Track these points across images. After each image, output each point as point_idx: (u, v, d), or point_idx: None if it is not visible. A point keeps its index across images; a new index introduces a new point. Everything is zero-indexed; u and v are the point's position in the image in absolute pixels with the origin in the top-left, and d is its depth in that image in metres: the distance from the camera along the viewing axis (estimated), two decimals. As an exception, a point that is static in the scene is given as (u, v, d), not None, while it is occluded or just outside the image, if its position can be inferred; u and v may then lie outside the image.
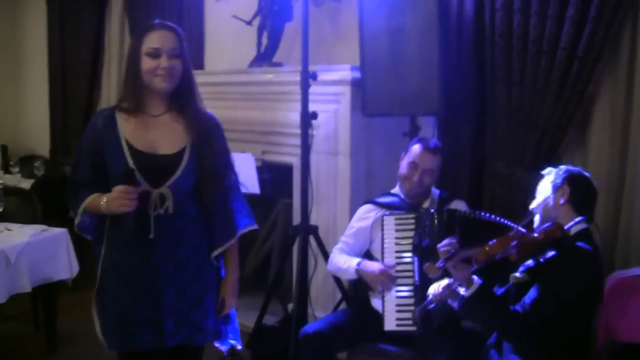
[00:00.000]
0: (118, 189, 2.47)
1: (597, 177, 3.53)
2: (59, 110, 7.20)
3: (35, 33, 7.50)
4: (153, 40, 2.55)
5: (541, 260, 2.67)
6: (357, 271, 3.43)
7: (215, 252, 2.73)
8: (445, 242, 2.81)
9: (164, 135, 2.61)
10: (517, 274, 2.72)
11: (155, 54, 2.53)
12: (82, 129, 6.95)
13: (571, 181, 2.81)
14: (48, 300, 4.38)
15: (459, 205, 3.56)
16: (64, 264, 4.22)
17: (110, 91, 6.64)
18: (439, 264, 2.65)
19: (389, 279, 3.30)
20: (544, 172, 2.94)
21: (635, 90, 3.45)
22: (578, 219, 2.75)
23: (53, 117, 7.32)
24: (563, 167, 2.89)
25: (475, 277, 2.66)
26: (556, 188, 2.80)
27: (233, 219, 2.75)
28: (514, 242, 2.60)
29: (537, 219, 2.87)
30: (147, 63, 2.54)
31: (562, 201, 2.78)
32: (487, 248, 2.59)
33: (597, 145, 3.62)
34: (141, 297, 2.57)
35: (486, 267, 2.66)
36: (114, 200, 2.48)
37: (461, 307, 2.70)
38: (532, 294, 2.61)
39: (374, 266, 3.38)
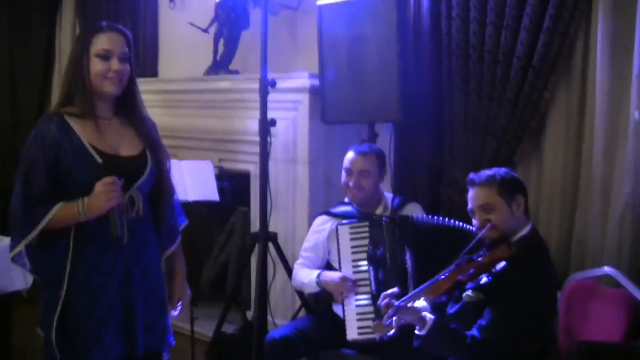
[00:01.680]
0: (104, 181, 2.38)
1: (552, 184, 3.64)
2: (8, 121, 6.98)
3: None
4: (104, 41, 2.47)
5: (493, 270, 2.67)
6: (318, 283, 3.44)
7: (167, 253, 2.76)
8: (383, 296, 2.78)
9: (120, 139, 2.56)
10: (470, 293, 2.69)
11: (106, 56, 2.46)
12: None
13: (521, 189, 2.83)
14: (2, 312, 4.24)
15: (414, 208, 3.59)
16: (18, 274, 4.08)
17: (62, 100, 6.50)
18: (386, 321, 2.61)
19: (349, 286, 3.31)
20: (474, 177, 2.87)
21: (588, 99, 3.54)
22: (529, 224, 2.80)
23: (1, 126, 7.12)
24: (498, 175, 2.82)
25: (427, 315, 2.63)
26: (510, 200, 2.77)
27: (175, 219, 2.79)
28: (459, 276, 2.62)
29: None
30: (96, 65, 2.46)
31: (519, 212, 2.79)
32: (434, 288, 2.60)
33: (552, 153, 3.70)
34: (113, 309, 2.50)
35: None
36: (100, 195, 2.38)
37: (418, 344, 2.65)
38: (487, 316, 2.59)
39: (333, 275, 3.39)
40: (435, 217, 3.23)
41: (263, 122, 3.81)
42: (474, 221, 2.82)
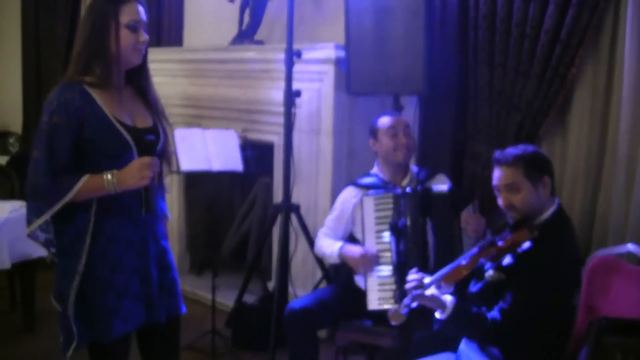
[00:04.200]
0: (144, 161, 2.39)
1: (576, 160, 3.62)
2: (32, 86, 7.04)
3: (9, 8, 7.35)
4: (133, 12, 2.43)
5: (518, 250, 2.60)
6: (340, 256, 3.46)
7: (168, 219, 2.82)
8: (411, 279, 2.66)
9: (133, 109, 2.54)
10: (492, 273, 2.65)
11: (135, 27, 2.44)
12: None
13: (548, 170, 2.70)
14: (26, 278, 4.32)
15: (441, 179, 3.59)
16: (42, 240, 4.18)
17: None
18: (403, 310, 2.53)
19: (370, 262, 3.32)
20: (500, 156, 2.72)
21: (615, 75, 3.50)
22: (555, 203, 2.71)
23: (26, 93, 7.19)
24: (525, 154, 2.68)
25: (447, 299, 2.59)
26: (536, 182, 2.65)
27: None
28: (481, 259, 2.59)
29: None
30: (127, 36, 2.42)
31: (545, 194, 2.67)
32: (454, 273, 2.56)
33: (577, 129, 3.67)
34: (131, 279, 2.51)
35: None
36: (134, 172, 2.37)
37: (438, 328, 2.63)
38: (508, 299, 2.55)
39: (355, 250, 3.40)
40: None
41: (288, 92, 3.81)
42: (499, 200, 2.74)
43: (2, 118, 7.57)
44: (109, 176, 2.37)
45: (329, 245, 3.55)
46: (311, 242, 3.93)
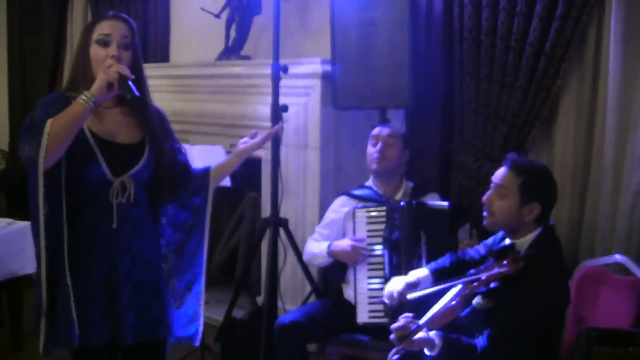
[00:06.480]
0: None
1: (562, 171, 3.65)
2: (18, 104, 7.01)
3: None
4: (104, 27, 2.46)
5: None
6: (330, 253, 3.48)
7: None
8: (397, 325, 2.52)
9: (119, 127, 2.53)
10: (479, 300, 2.60)
11: (105, 42, 2.44)
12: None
13: (543, 197, 2.59)
14: (13, 296, 4.28)
15: (433, 197, 3.60)
16: (30, 258, 4.14)
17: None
18: (393, 357, 2.47)
19: (360, 252, 3.35)
20: (510, 156, 2.66)
21: (600, 86, 3.54)
22: (540, 228, 2.62)
23: (12, 110, 7.15)
24: (530, 172, 2.60)
25: (436, 337, 2.50)
26: (525, 202, 2.57)
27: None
28: (467, 292, 2.53)
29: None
30: (96, 52, 2.45)
31: (528, 218, 2.59)
32: (446, 315, 2.49)
33: (562, 140, 3.70)
34: (98, 291, 2.48)
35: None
36: (100, 72, 2.36)
37: None
38: (496, 327, 2.49)
39: (344, 244, 3.43)
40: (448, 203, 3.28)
41: (275, 107, 3.81)
42: (486, 193, 2.68)
43: (-14, 136, 7.55)
44: (83, 94, 2.34)
45: (318, 246, 3.58)
46: (300, 256, 3.93)
